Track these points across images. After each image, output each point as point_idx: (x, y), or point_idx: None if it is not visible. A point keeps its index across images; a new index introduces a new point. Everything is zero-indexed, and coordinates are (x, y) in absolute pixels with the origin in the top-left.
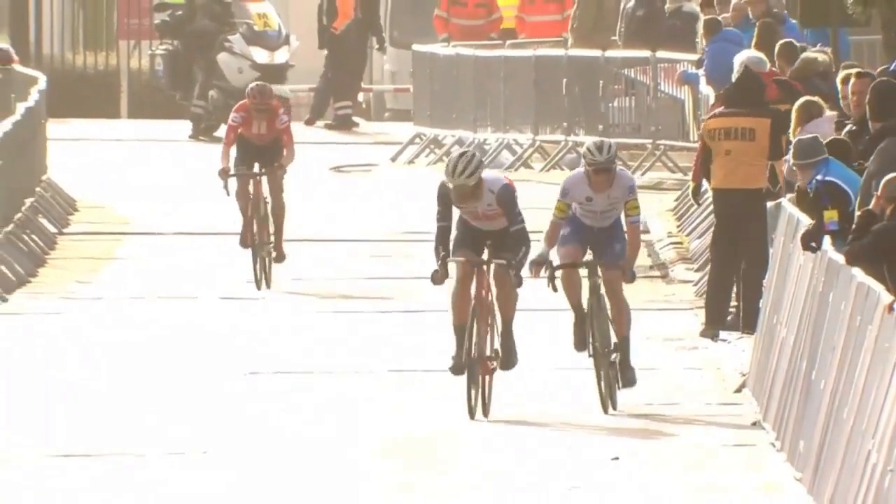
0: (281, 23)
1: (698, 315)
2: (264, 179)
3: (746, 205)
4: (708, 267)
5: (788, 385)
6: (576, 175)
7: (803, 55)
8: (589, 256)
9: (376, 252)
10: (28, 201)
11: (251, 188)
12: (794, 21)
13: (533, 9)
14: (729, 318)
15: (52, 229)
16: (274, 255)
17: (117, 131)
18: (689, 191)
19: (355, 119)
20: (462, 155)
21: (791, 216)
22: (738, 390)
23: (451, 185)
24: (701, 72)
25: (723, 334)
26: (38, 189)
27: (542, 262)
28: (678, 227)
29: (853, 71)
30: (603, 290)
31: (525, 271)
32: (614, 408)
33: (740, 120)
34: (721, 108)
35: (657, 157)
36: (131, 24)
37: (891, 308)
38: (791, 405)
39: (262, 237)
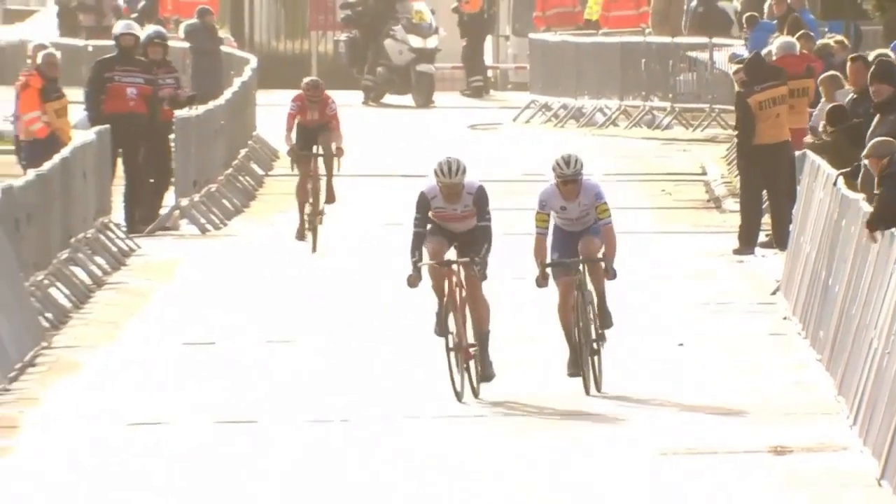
0: (432, 17)
1: None
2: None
3: (783, 153)
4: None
5: (811, 289)
6: (549, 188)
7: (820, 41)
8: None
9: (506, 189)
10: (242, 151)
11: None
12: (811, 16)
13: (615, 6)
14: (766, 238)
15: (260, 172)
16: (322, 210)
17: None
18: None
19: (486, 89)
20: (448, 159)
21: (813, 162)
22: (773, 293)
23: (445, 184)
24: (744, 53)
25: (761, 251)
26: (249, 142)
27: (545, 276)
28: (728, 170)
29: (852, 55)
30: (590, 286)
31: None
32: (598, 389)
33: (776, 90)
34: (755, 86)
35: (713, 118)
36: (320, 18)
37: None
38: (813, 304)
39: (315, 209)
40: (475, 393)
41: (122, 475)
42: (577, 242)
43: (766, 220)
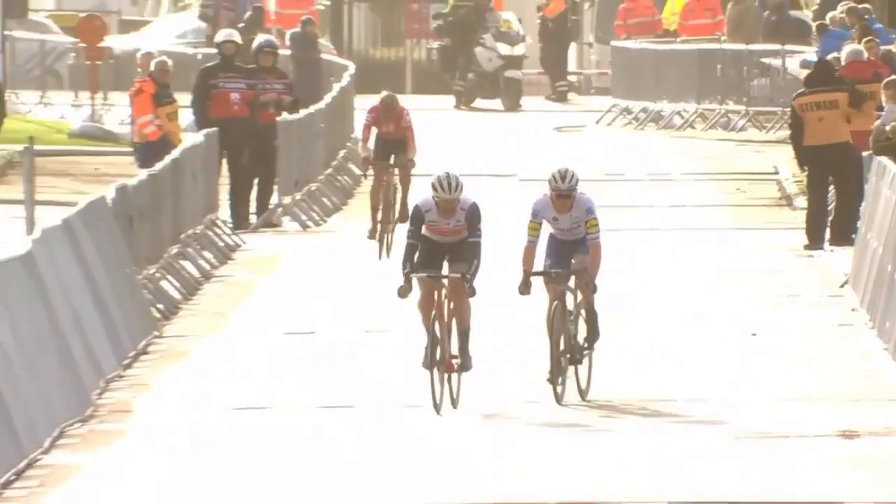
0: (519, 26)
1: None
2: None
3: (842, 154)
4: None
5: (878, 282)
6: (542, 199)
7: (883, 47)
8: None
9: (586, 189)
10: (341, 153)
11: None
12: (879, 24)
13: (692, 15)
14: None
15: (358, 172)
16: (398, 216)
17: (404, 102)
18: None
19: (570, 94)
20: (447, 174)
21: (880, 162)
22: (842, 286)
23: (443, 199)
24: (814, 59)
25: (829, 247)
26: (348, 144)
27: (528, 284)
28: (799, 169)
29: None
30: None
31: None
32: (583, 398)
33: (824, 95)
34: (804, 90)
35: (785, 121)
36: (414, 27)
37: None
38: (880, 296)
39: (387, 217)
40: (454, 403)
41: (227, 457)
42: (570, 252)
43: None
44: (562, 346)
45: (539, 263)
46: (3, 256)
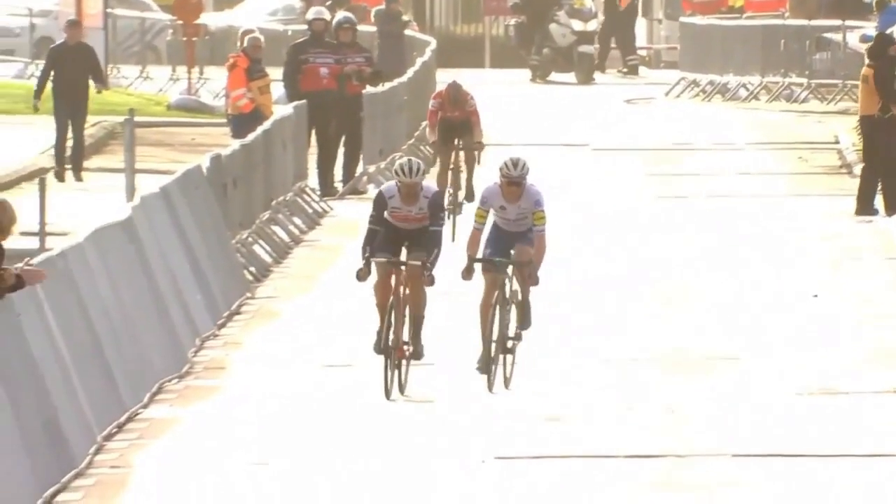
0: (591, 3)
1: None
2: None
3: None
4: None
5: None
6: (492, 187)
7: None
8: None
9: (656, 158)
10: (423, 123)
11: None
12: None
13: None
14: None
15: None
16: (461, 203)
17: (482, 76)
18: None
19: (641, 67)
20: (409, 160)
21: None
22: None
23: (405, 183)
24: (873, 34)
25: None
26: (425, 122)
27: (471, 269)
28: (858, 138)
29: None
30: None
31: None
32: (507, 387)
33: (865, 70)
34: (870, 62)
35: (845, 93)
36: (492, 5)
37: None
38: None
39: (454, 200)
40: (402, 389)
41: (316, 412)
42: (511, 242)
43: None
44: (496, 335)
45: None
46: (105, 222)
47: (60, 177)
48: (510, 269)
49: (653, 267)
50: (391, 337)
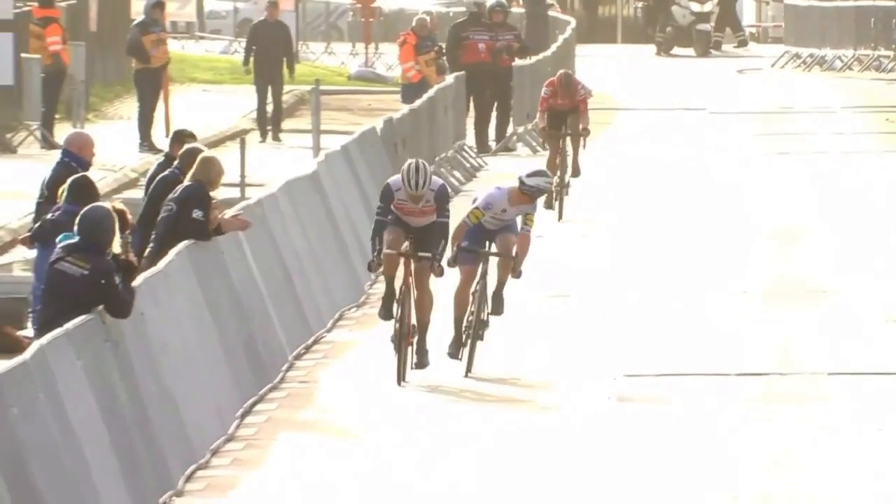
0: None
1: None
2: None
3: None
4: None
5: None
6: (496, 193)
7: None
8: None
9: (763, 120)
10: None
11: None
12: None
13: None
14: None
15: (590, 88)
16: (568, 183)
17: (615, 50)
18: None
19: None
20: (417, 169)
21: None
22: None
23: (410, 195)
24: None
25: None
26: None
27: (458, 258)
28: None
29: None
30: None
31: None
32: (470, 371)
33: None
34: None
35: None
36: None
37: None
38: None
39: (561, 181)
40: (401, 378)
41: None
42: (490, 236)
43: None
44: (469, 321)
45: None
46: (295, 175)
47: (263, 137)
48: (491, 260)
49: (761, 212)
50: (400, 326)
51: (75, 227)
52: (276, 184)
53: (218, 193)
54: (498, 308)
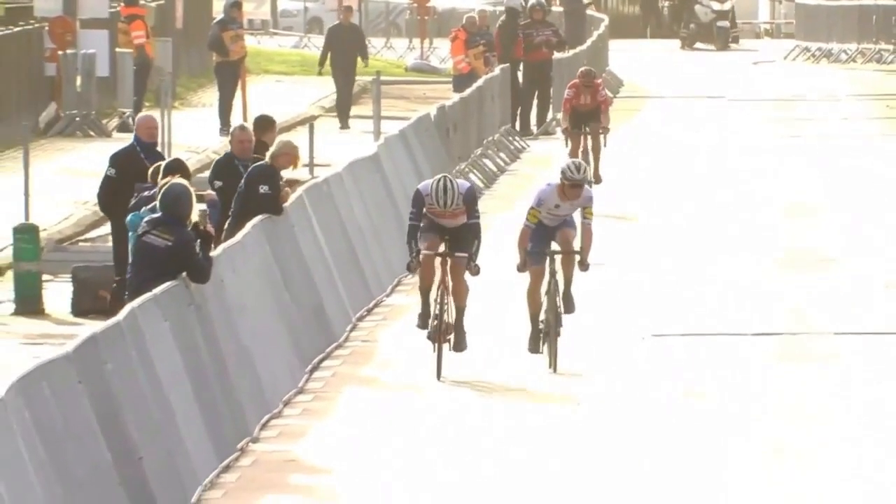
0: None
1: None
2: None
3: None
4: None
5: None
6: (547, 189)
7: None
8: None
9: (776, 106)
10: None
11: (581, 142)
12: None
13: None
14: None
15: (611, 95)
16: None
17: (644, 45)
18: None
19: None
20: (445, 190)
21: None
22: None
23: (437, 213)
24: None
25: None
26: (603, 74)
27: (525, 263)
28: None
29: None
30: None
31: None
32: (554, 370)
33: None
34: None
35: None
36: None
37: None
38: None
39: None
40: (440, 373)
41: (518, 304)
42: (552, 234)
43: None
44: (543, 318)
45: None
46: (358, 156)
47: (344, 124)
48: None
49: (775, 189)
50: (438, 323)
51: (157, 203)
52: (341, 164)
53: (286, 172)
54: (569, 307)
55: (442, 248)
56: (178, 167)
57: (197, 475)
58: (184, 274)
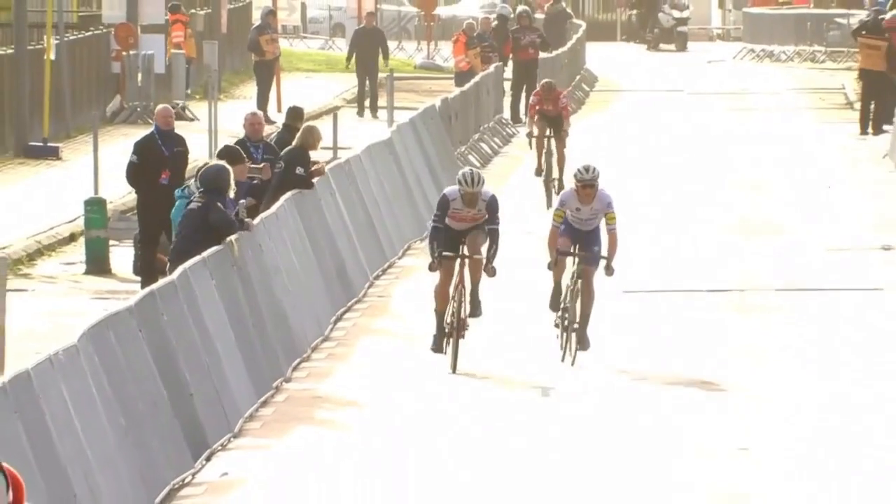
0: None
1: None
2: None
3: (876, 75)
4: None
5: None
6: (569, 192)
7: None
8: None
9: (727, 98)
10: (577, 77)
11: (545, 144)
12: None
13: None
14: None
15: (588, 89)
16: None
17: (615, 47)
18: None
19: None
20: (471, 172)
21: None
22: (884, 156)
23: (467, 192)
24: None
25: (873, 133)
26: (581, 72)
27: (556, 261)
28: (857, 85)
29: None
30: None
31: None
32: (572, 363)
33: (873, 40)
34: (863, 34)
35: (849, 56)
36: (622, 0)
37: None
38: None
39: (549, 174)
40: (455, 367)
41: (521, 273)
42: (578, 237)
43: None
44: (571, 317)
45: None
46: (374, 141)
47: (361, 112)
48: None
49: (728, 168)
50: (455, 319)
51: (199, 180)
52: (360, 147)
53: (317, 154)
54: (475, 310)
55: (462, 250)
56: (229, 153)
57: (239, 409)
58: (228, 239)
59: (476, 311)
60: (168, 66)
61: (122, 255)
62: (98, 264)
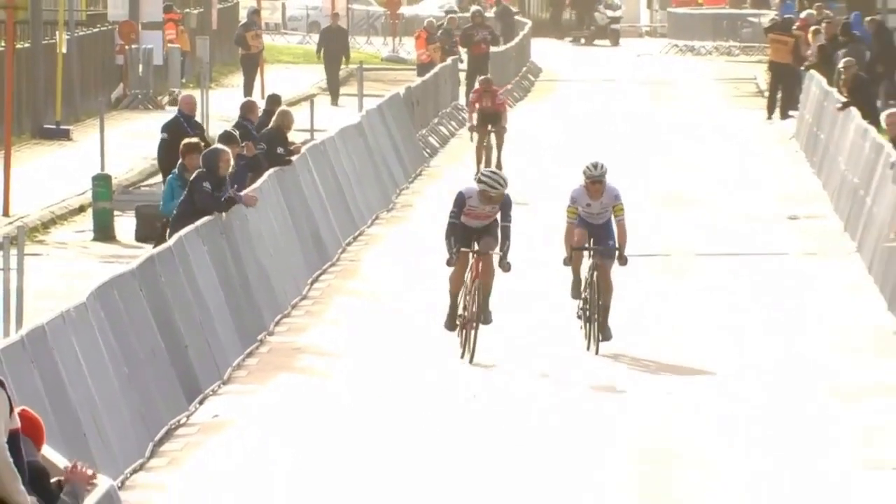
0: (619, 0)
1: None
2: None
3: (784, 67)
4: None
5: (809, 136)
6: (579, 188)
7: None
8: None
9: (654, 86)
10: (523, 69)
11: (486, 140)
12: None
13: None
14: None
15: (534, 79)
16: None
17: (557, 43)
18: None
19: (646, 36)
20: (497, 174)
21: (810, 74)
22: (791, 138)
23: (493, 194)
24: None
25: (780, 118)
26: (527, 65)
27: (571, 257)
28: (767, 75)
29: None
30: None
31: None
32: (596, 352)
33: (782, 36)
34: (772, 31)
35: (761, 50)
36: (564, 1)
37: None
38: (810, 145)
39: (489, 164)
40: (471, 358)
41: None
42: (592, 231)
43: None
44: (592, 308)
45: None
46: (346, 125)
47: (334, 100)
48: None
49: (654, 146)
50: (465, 312)
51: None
52: (333, 130)
53: (294, 136)
54: (607, 298)
55: (475, 246)
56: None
57: (227, 359)
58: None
59: (487, 318)
60: (165, 58)
61: (125, 224)
62: (104, 232)
